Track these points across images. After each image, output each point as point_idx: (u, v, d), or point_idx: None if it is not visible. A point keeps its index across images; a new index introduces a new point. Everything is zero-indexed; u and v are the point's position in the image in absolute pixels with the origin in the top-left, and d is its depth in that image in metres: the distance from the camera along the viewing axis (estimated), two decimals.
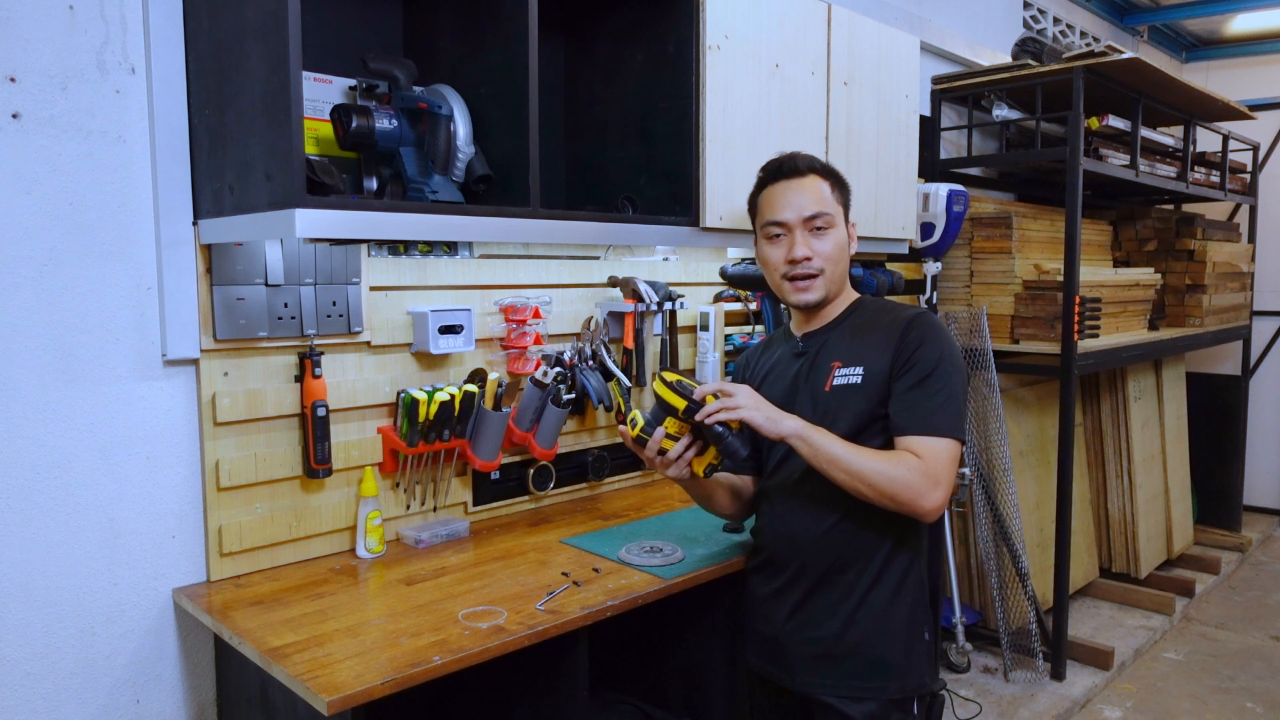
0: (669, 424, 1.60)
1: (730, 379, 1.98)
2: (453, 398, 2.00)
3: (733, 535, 2.01)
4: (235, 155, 1.57)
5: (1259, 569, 4.74)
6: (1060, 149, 3.25)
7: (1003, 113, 3.56)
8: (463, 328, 2.08)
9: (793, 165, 1.68)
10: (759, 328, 2.78)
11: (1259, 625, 3.99)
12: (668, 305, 2.44)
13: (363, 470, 1.96)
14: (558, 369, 2.23)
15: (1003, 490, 3.43)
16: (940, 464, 1.53)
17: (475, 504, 2.20)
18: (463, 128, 1.80)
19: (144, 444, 1.72)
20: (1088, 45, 4.70)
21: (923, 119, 3.20)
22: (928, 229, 3.16)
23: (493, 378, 2.11)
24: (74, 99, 1.60)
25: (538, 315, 2.23)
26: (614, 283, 2.43)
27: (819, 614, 1.64)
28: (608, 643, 2.02)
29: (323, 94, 1.89)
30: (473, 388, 2.04)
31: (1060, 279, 3.25)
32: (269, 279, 1.81)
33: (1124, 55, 3.09)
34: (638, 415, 1.63)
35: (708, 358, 2.62)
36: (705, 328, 2.63)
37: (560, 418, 2.23)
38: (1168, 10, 5.03)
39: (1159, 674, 3.51)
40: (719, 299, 2.72)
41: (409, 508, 2.09)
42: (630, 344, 2.41)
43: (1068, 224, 3.17)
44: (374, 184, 1.91)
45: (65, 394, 1.62)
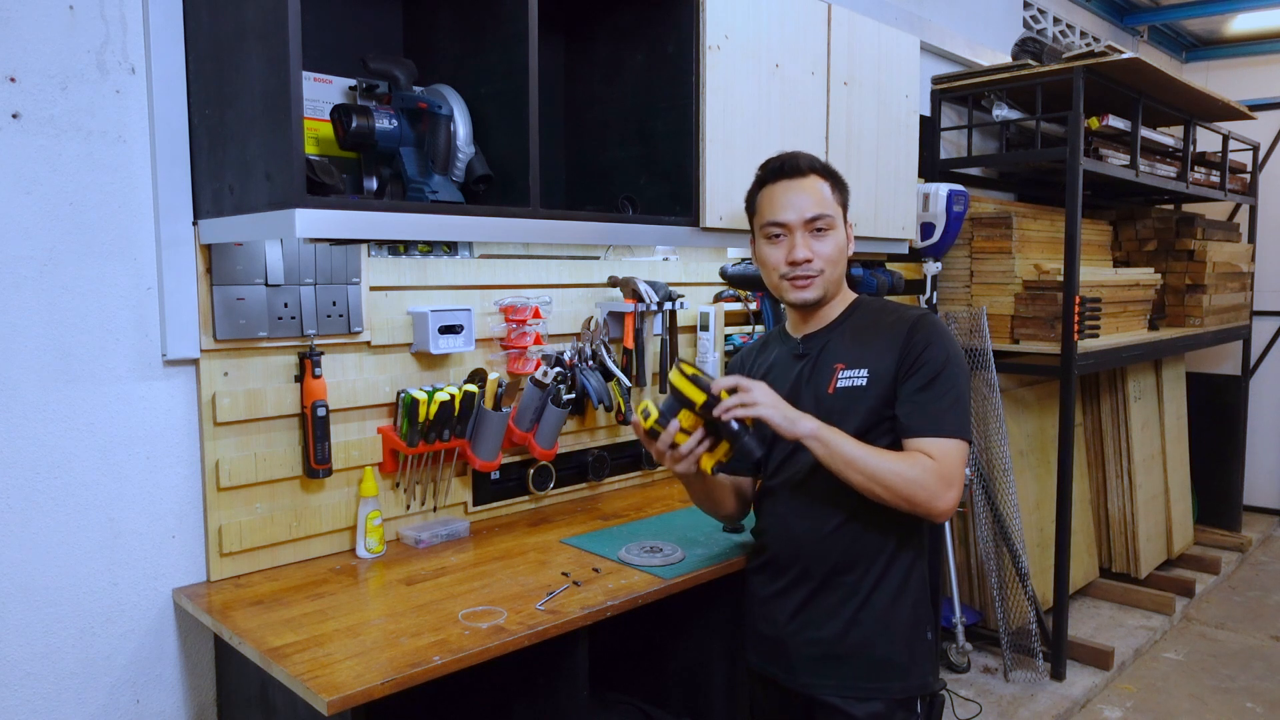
0: (683, 417, 1.55)
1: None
2: (453, 398, 2.00)
3: (733, 535, 2.01)
4: (235, 155, 1.57)
5: (1259, 569, 4.74)
6: (1060, 149, 3.25)
7: (1003, 113, 3.56)
8: (463, 328, 2.08)
9: (794, 165, 1.67)
10: (759, 328, 2.78)
11: (1259, 625, 3.99)
12: (668, 305, 2.44)
13: (363, 470, 1.96)
14: (558, 369, 2.23)
15: (1003, 490, 3.43)
16: (952, 465, 1.53)
17: (475, 504, 2.20)
18: (463, 128, 1.80)
19: (144, 444, 1.72)
20: (1088, 45, 4.70)
21: (923, 119, 3.20)
22: (928, 229, 3.16)
23: (493, 378, 2.11)
24: (74, 99, 1.60)
25: (538, 315, 2.23)
26: (614, 283, 2.43)
27: (822, 614, 1.64)
28: (608, 643, 2.02)
29: (323, 94, 1.89)
30: (473, 388, 2.04)
31: (1060, 279, 3.25)
32: (269, 279, 1.81)
33: (1124, 55, 3.09)
34: (650, 406, 1.58)
35: (708, 358, 2.62)
36: (705, 328, 2.63)
37: (560, 418, 2.23)
38: (1168, 10, 5.03)
39: (1159, 674, 3.51)
40: (719, 299, 2.72)
41: (409, 508, 2.09)
42: (630, 344, 2.41)
43: (1068, 224, 3.17)
44: (374, 184, 1.91)
45: (65, 394, 1.62)
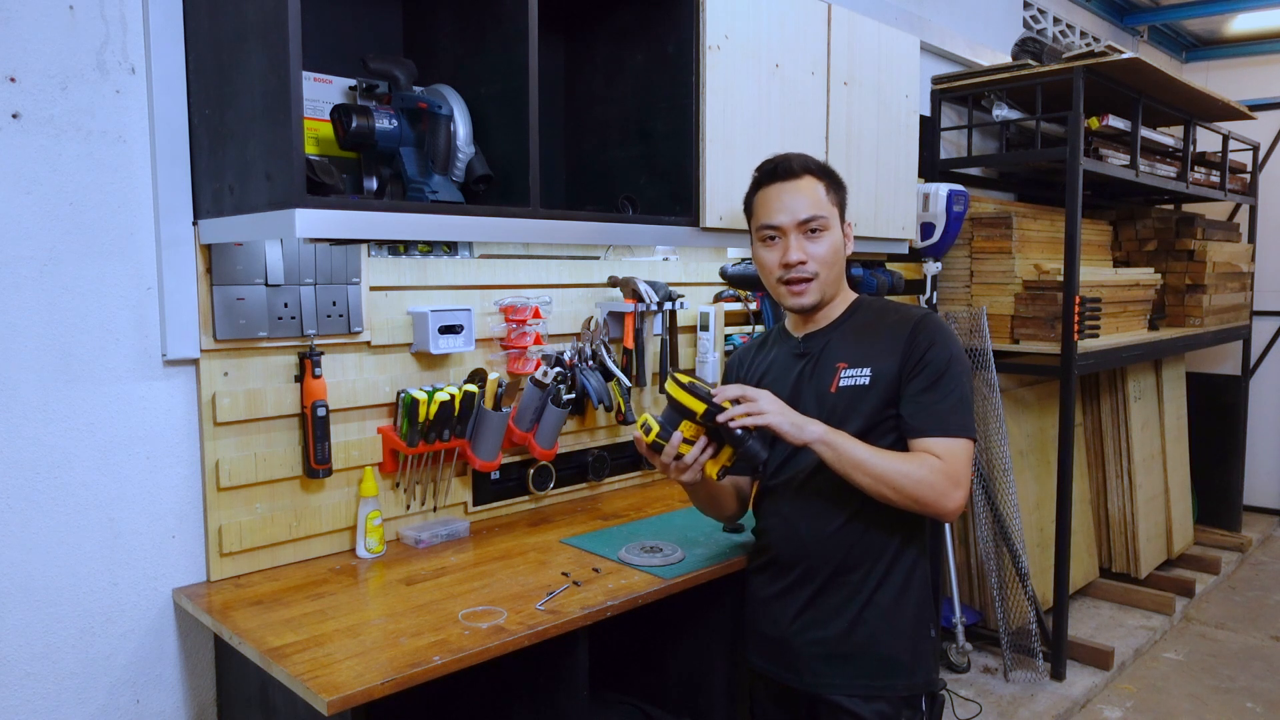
0: (684, 427, 1.56)
1: (722, 376, 1.96)
2: (453, 398, 2.00)
3: (733, 535, 2.01)
4: (235, 155, 1.57)
5: (1259, 569, 4.74)
6: (1060, 149, 3.25)
7: (1003, 113, 3.56)
8: (463, 328, 2.08)
9: (787, 167, 1.66)
10: (759, 328, 2.78)
11: (1259, 625, 3.99)
12: (668, 305, 2.44)
13: (363, 470, 1.96)
14: (558, 369, 2.23)
15: (1003, 490, 3.43)
16: (959, 464, 1.54)
17: (475, 504, 2.20)
18: (463, 128, 1.79)
19: (144, 444, 1.72)
20: (1088, 45, 4.70)
21: (923, 119, 3.20)
22: (928, 229, 3.16)
23: (493, 378, 2.11)
24: (74, 99, 1.60)
25: (538, 315, 2.23)
26: (614, 283, 2.43)
27: (826, 614, 1.64)
28: (608, 643, 2.02)
29: (323, 94, 1.89)
30: (473, 388, 2.04)
31: (1060, 279, 3.25)
32: (269, 279, 1.81)
33: (1124, 55, 3.09)
34: (650, 420, 1.59)
35: (708, 358, 2.62)
36: (705, 328, 2.63)
37: (560, 418, 2.23)
38: (1168, 10, 5.03)
39: (1159, 674, 3.51)
40: (719, 299, 2.72)
41: (409, 508, 2.09)
42: (630, 344, 2.41)
43: (1068, 224, 3.17)
44: (374, 184, 1.91)
45: (65, 394, 1.62)
